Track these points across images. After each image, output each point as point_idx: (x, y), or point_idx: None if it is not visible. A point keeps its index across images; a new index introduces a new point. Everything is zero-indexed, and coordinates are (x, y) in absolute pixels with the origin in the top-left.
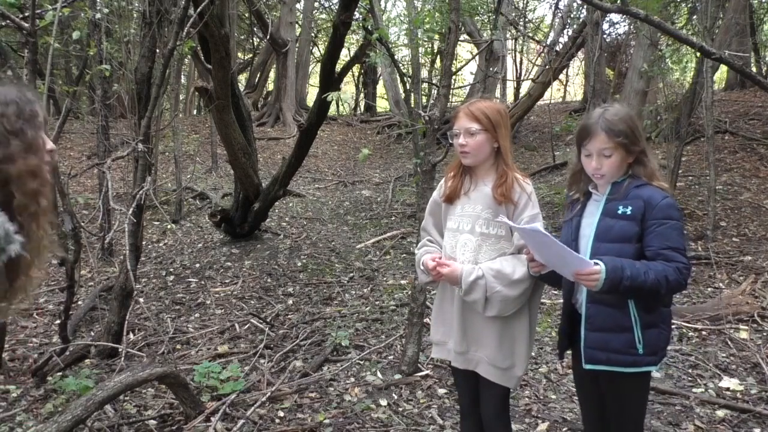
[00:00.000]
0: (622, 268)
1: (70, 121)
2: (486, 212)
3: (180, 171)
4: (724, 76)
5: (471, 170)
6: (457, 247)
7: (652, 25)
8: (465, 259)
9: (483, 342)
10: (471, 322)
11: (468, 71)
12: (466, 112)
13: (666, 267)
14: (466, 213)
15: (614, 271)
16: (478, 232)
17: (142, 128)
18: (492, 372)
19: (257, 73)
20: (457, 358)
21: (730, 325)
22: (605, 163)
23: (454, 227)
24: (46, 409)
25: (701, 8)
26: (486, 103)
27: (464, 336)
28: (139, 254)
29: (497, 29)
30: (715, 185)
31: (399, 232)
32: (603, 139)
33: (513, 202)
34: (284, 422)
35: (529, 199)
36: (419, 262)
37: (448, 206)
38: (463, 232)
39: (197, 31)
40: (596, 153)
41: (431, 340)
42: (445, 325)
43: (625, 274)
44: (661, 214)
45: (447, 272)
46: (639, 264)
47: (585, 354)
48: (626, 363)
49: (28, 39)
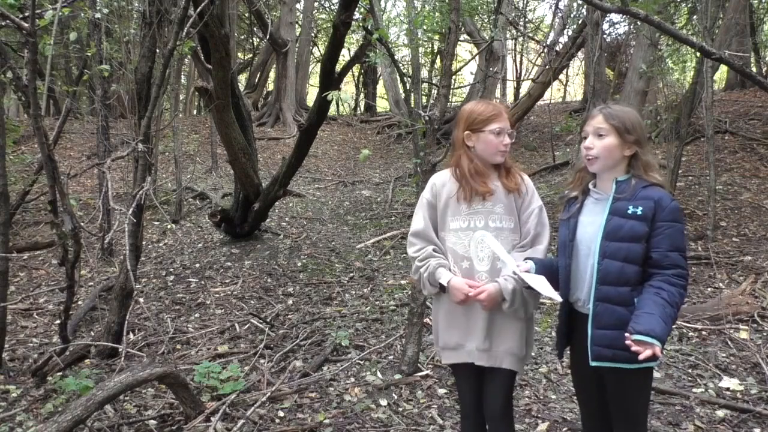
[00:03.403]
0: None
1: (70, 121)
2: (498, 206)
3: (180, 171)
4: (724, 76)
5: None
6: (471, 245)
7: (652, 25)
8: (483, 255)
9: (506, 336)
10: (495, 319)
11: (468, 71)
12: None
13: (671, 289)
14: (475, 210)
15: (663, 333)
16: (493, 227)
17: (142, 128)
18: (513, 361)
19: (257, 73)
20: (481, 356)
21: (730, 325)
22: (597, 144)
23: (463, 226)
24: (46, 409)
25: (701, 8)
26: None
27: (489, 334)
28: (139, 254)
29: (497, 29)
30: (715, 185)
31: (399, 232)
32: (599, 119)
33: (521, 191)
34: (284, 422)
35: (534, 192)
36: (431, 273)
37: (447, 207)
38: (477, 229)
39: (197, 31)
40: (592, 132)
41: (442, 346)
42: (460, 328)
43: (667, 327)
44: (671, 216)
45: (486, 297)
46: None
47: (592, 351)
48: (632, 359)
49: (28, 39)
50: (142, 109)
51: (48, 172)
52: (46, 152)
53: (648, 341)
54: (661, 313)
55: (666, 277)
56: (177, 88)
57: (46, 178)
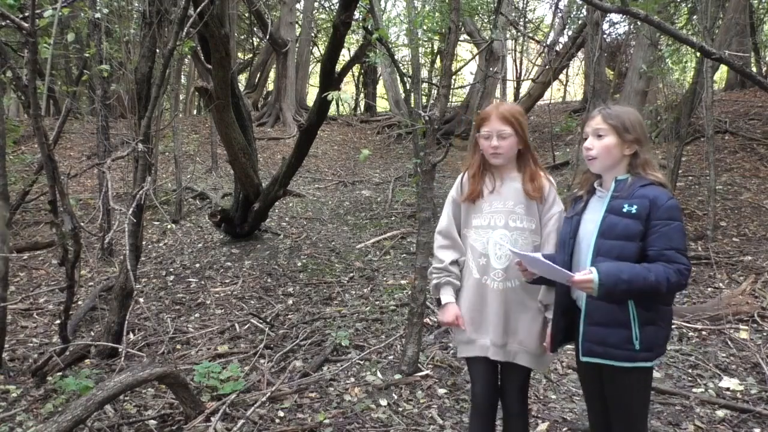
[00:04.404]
0: (618, 273)
1: (70, 121)
2: (519, 207)
3: (180, 171)
4: (724, 76)
5: (492, 168)
6: (489, 243)
7: (652, 25)
8: (501, 254)
9: (520, 332)
10: (510, 315)
11: (468, 71)
12: (498, 116)
13: (667, 268)
14: (496, 209)
15: (608, 277)
16: (513, 227)
17: (142, 128)
18: (528, 359)
19: (257, 73)
20: (496, 352)
21: (730, 325)
22: (597, 145)
23: (484, 224)
24: (46, 409)
25: (701, 8)
26: (513, 107)
27: (504, 329)
28: (139, 254)
29: (497, 29)
30: (715, 185)
31: (399, 232)
32: (598, 119)
33: (544, 197)
34: (284, 422)
35: (556, 195)
36: (436, 287)
37: (471, 205)
38: (497, 228)
39: (197, 31)
40: (591, 133)
41: (459, 339)
42: (474, 323)
43: (621, 278)
44: (666, 214)
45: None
46: (640, 267)
47: (583, 347)
48: (621, 357)
49: (28, 39)
50: (142, 109)
51: (48, 172)
52: (46, 152)
53: (587, 276)
54: (628, 267)
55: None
56: (177, 88)
57: (46, 178)
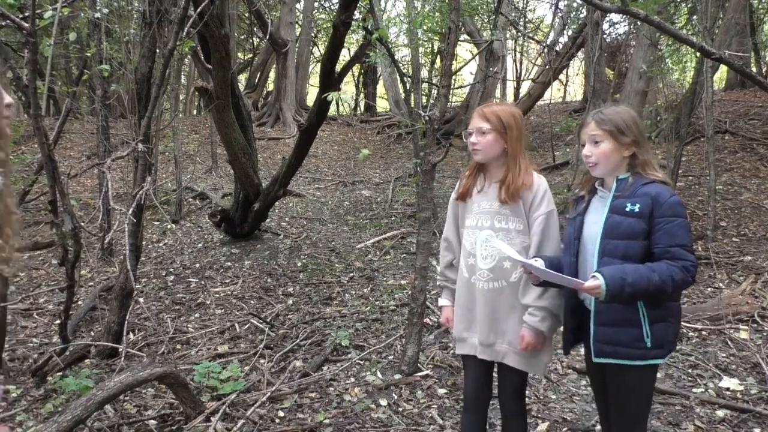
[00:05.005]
0: (623, 277)
1: (70, 121)
2: (504, 208)
3: (180, 171)
4: (724, 76)
5: (484, 168)
6: (477, 243)
7: (652, 25)
8: (487, 254)
9: (509, 333)
10: (495, 314)
11: (468, 71)
12: (480, 113)
13: (671, 267)
14: (483, 210)
15: (613, 281)
16: (498, 228)
17: (142, 128)
18: (518, 360)
19: (257, 73)
20: (484, 351)
21: (730, 325)
22: (595, 151)
23: (473, 224)
24: (46, 409)
25: (701, 8)
26: (500, 107)
27: (491, 329)
28: (139, 254)
29: (497, 29)
30: (715, 185)
31: (399, 232)
32: (592, 126)
33: (517, 201)
34: (284, 422)
35: (544, 196)
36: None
37: (464, 205)
38: (483, 229)
39: (197, 31)
40: (588, 140)
41: (455, 337)
42: (463, 321)
43: (626, 281)
44: (670, 211)
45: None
46: (643, 268)
47: (594, 348)
48: (634, 356)
49: (28, 39)
50: (142, 109)
51: (48, 172)
52: (46, 152)
53: (594, 282)
54: (632, 269)
55: (667, 261)
56: (177, 88)
57: (46, 178)
